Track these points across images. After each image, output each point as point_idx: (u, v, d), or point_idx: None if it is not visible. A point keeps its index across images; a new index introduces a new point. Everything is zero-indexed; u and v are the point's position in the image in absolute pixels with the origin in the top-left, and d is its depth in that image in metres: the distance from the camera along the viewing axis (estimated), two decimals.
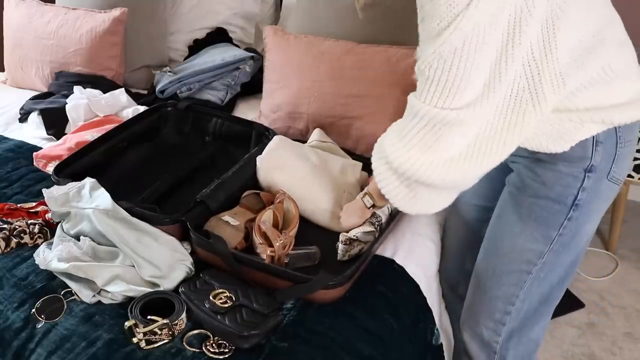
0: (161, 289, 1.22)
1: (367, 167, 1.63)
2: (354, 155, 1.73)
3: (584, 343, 2.03)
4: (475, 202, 1.39)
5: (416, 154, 1.04)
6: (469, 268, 1.40)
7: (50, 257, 1.27)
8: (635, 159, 2.25)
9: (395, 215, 1.44)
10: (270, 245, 1.29)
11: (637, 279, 2.33)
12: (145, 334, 1.10)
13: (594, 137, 1.08)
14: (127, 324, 1.11)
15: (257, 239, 1.31)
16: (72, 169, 1.55)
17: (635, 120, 1.09)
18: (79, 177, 1.46)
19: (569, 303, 2.19)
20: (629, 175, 2.29)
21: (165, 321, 1.11)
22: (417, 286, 1.38)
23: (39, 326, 1.16)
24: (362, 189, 1.54)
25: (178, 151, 1.81)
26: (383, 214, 1.39)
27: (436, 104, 0.98)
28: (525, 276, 1.24)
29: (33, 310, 1.18)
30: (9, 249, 1.35)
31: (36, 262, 1.29)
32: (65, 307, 1.20)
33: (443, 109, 0.98)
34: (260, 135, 1.76)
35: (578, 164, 1.11)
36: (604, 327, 2.10)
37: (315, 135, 1.75)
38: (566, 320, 2.12)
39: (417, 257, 1.46)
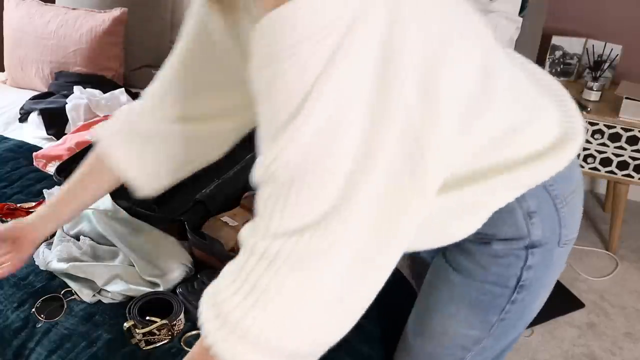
0: (161, 288, 1.22)
1: None
2: None
3: (584, 343, 2.03)
4: None
5: (266, 310, 0.70)
6: None
7: (50, 257, 1.27)
8: (635, 159, 2.25)
9: None
10: None
11: (637, 279, 2.33)
12: (144, 334, 1.10)
13: (522, 208, 0.86)
14: (125, 324, 1.11)
15: None
16: (73, 169, 1.55)
17: (548, 177, 0.86)
18: None
19: (569, 303, 2.19)
20: (629, 175, 2.29)
21: (163, 322, 1.11)
22: (415, 288, 1.38)
23: (39, 325, 1.16)
24: None
25: None
26: None
27: (289, 226, 0.68)
28: None
29: (33, 309, 1.18)
30: None
31: (36, 263, 1.29)
32: (65, 306, 1.20)
33: (302, 232, 0.67)
34: None
35: (515, 243, 0.88)
36: (604, 327, 2.10)
37: None
38: (566, 320, 2.12)
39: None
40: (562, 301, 2.19)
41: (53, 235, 1.36)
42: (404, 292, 1.36)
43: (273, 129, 0.65)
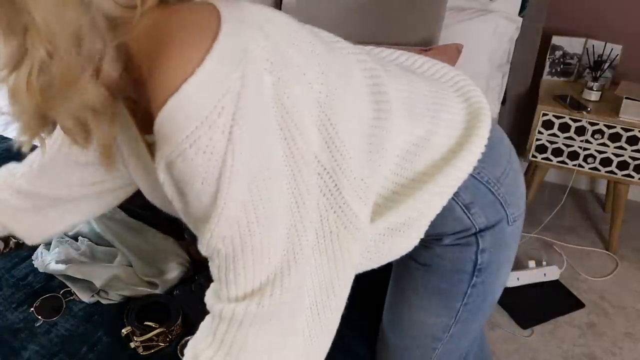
0: (159, 288, 1.22)
1: None
2: None
3: (584, 343, 2.03)
4: None
5: None
6: None
7: (48, 259, 1.27)
8: (635, 159, 2.25)
9: None
10: None
11: (637, 279, 2.33)
12: (142, 341, 1.11)
13: (459, 203, 0.89)
14: (124, 331, 1.12)
15: None
16: None
17: (472, 167, 0.87)
18: None
19: (569, 303, 2.18)
20: (629, 175, 2.29)
21: (161, 329, 1.11)
22: None
23: (38, 325, 1.16)
24: None
25: None
26: None
27: (246, 290, 0.70)
28: (431, 353, 1.05)
29: (32, 309, 1.19)
30: (7, 249, 1.35)
31: (35, 265, 1.29)
32: (65, 306, 1.20)
33: (261, 292, 0.70)
34: None
35: (462, 233, 0.92)
36: (604, 327, 2.10)
37: None
38: (566, 320, 2.12)
39: None
40: (562, 301, 2.19)
41: None
42: None
43: (201, 211, 0.67)
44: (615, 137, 2.24)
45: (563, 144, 2.34)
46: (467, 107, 0.91)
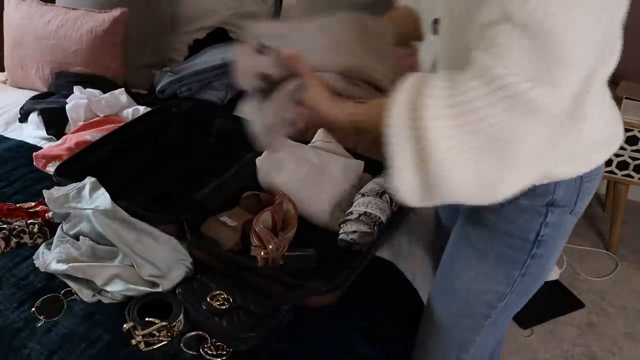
0: (160, 288, 1.22)
1: (369, 166, 1.63)
2: (356, 155, 1.73)
3: (584, 343, 2.03)
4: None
5: (464, 134, 0.74)
6: None
7: (49, 259, 1.27)
8: (635, 159, 2.25)
9: (397, 217, 1.43)
10: (265, 247, 1.29)
11: (637, 279, 2.33)
12: (143, 335, 1.10)
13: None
14: (125, 326, 1.12)
15: (253, 241, 1.31)
16: (73, 169, 1.55)
17: (573, 175, 0.96)
18: (80, 178, 1.46)
19: (569, 303, 2.19)
20: (629, 175, 2.29)
21: (163, 323, 1.11)
22: (415, 290, 1.38)
23: (39, 325, 1.16)
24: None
25: (181, 151, 1.80)
26: (383, 213, 1.39)
27: (528, 72, 0.71)
28: (484, 320, 1.11)
29: (33, 309, 1.19)
30: (8, 249, 1.35)
31: (36, 265, 1.29)
32: (65, 306, 1.20)
33: (546, 83, 0.71)
34: None
35: (539, 199, 0.98)
36: (604, 327, 2.10)
37: (320, 135, 1.75)
38: (566, 320, 2.12)
39: (415, 260, 1.45)
40: (562, 301, 2.19)
41: (53, 234, 1.37)
42: (406, 297, 1.37)
43: None
44: None
45: None
46: (614, 121, 1.01)
